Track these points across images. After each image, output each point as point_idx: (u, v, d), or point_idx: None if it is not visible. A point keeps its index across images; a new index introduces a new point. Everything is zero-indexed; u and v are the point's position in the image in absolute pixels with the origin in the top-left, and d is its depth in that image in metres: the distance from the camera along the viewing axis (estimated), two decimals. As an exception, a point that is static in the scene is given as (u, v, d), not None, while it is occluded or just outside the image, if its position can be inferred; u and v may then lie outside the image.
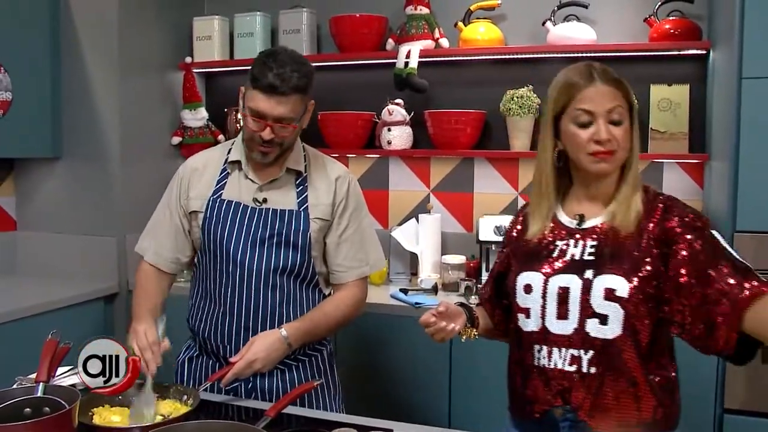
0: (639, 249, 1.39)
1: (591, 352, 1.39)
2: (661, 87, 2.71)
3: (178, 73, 3.31)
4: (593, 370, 1.39)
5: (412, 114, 3.03)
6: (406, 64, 2.91)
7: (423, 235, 2.97)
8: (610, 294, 1.37)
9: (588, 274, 1.40)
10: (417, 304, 2.57)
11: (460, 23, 2.97)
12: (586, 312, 1.39)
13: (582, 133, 1.41)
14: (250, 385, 1.78)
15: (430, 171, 3.16)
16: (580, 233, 1.47)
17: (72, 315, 2.79)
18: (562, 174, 1.52)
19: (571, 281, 1.41)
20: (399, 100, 3.03)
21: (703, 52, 2.68)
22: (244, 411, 1.67)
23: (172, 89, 3.30)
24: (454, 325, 1.50)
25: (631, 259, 1.38)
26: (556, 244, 1.48)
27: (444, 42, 2.99)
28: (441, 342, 1.52)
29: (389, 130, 3.03)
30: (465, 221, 3.12)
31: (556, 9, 2.85)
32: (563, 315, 1.41)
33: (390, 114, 3.02)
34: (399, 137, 3.03)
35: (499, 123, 2.94)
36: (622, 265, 1.38)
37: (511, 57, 2.94)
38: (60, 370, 1.67)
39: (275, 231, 1.77)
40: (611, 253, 1.40)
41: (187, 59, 3.28)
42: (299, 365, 1.83)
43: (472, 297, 2.60)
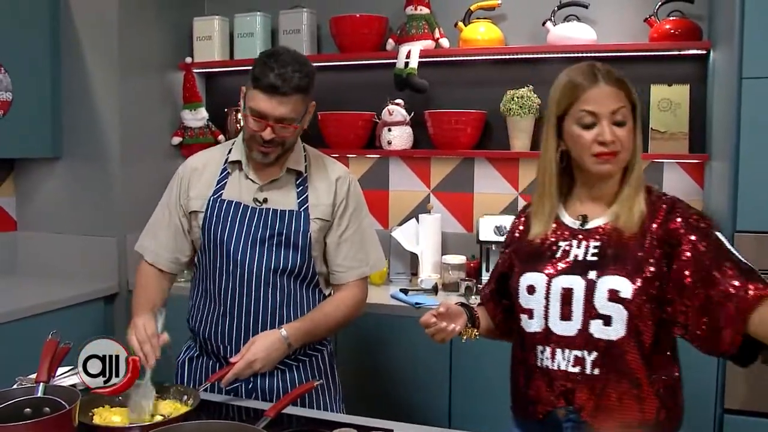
0: (642, 250, 1.39)
1: (595, 354, 1.38)
2: (662, 87, 2.71)
3: (179, 73, 3.31)
4: (597, 372, 1.38)
5: (413, 114, 3.03)
6: (407, 64, 2.91)
7: (423, 235, 2.96)
8: (613, 295, 1.37)
9: (591, 275, 1.40)
10: (417, 304, 2.57)
11: (461, 23, 2.96)
12: (590, 313, 1.38)
13: (586, 135, 1.40)
14: (250, 386, 1.78)
15: (430, 171, 3.16)
16: (583, 234, 1.46)
17: (72, 315, 2.79)
18: (565, 174, 1.51)
19: (574, 282, 1.41)
20: (399, 101, 3.03)
21: (704, 52, 2.68)
22: (244, 411, 1.67)
23: (172, 89, 3.30)
24: (454, 325, 1.50)
25: (635, 260, 1.38)
26: (559, 244, 1.47)
27: (444, 42, 2.99)
28: (441, 343, 1.52)
29: (389, 130, 3.03)
30: (465, 221, 3.12)
31: (556, 9, 2.85)
32: (567, 316, 1.41)
33: (390, 114, 3.02)
34: (399, 137, 3.03)
35: (499, 123, 2.94)
36: (626, 266, 1.38)
37: (512, 57, 2.94)
38: (60, 370, 1.66)
39: (275, 231, 1.77)
40: (614, 254, 1.40)
41: (188, 59, 3.28)
42: (299, 365, 1.83)
43: (473, 297, 2.60)
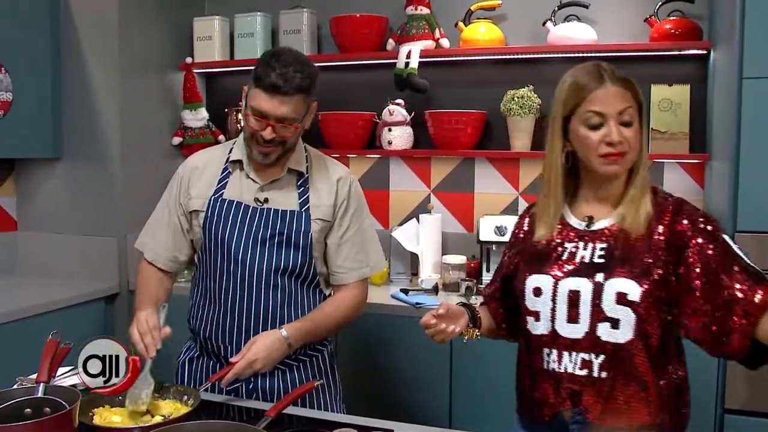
0: (649, 252, 1.37)
1: (602, 357, 1.37)
2: (662, 87, 2.71)
3: (179, 74, 3.31)
4: (604, 375, 1.37)
5: (413, 114, 3.03)
6: (407, 64, 2.91)
7: (423, 236, 2.96)
8: (621, 298, 1.36)
9: (598, 277, 1.38)
10: (417, 304, 2.57)
11: (461, 23, 2.96)
12: (598, 316, 1.37)
13: (593, 135, 1.39)
14: (251, 386, 1.78)
15: (430, 171, 3.16)
16: (589, 235, 1.45)
17: (72, 315, 2.79)
18: (570, 175, 1.49)
19: (581, 284, 1.39)
20: (399, 101, 3.03)
21: (704, 52, 2.68)
22: (244, 411, 1.67)
23: (172, 89, 3.30)
24: (454, 326, 1.50)
25: (642, 262, 1.37)
26: (565, 246, 1.46)
27: (444, 42, 2.99)
28: (441, 343, 1.52)
29: (390, 130, 3.03)
30: (465, 221, 3.12)
31: (556, 9, 2.84)
32: (574, 318, 1.40)
33: (390, 114, 3.02)
34: (399, 137, 3.03)
35: (499, 123, 2.94)
36: (633, 268, 1.37)
37: (512, 57, 2.94)
38: (60, 371, 1.66)
39: (276, 231, 1.77)
40: (621, 256, 1.39)
41: (188, 59, 3.28)
42: (300, 365, 1.83)
43: (473, 297, 2.60)
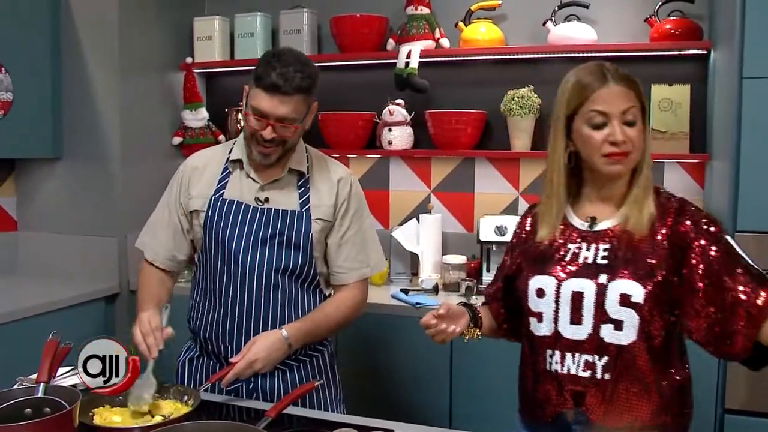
0: (653, 253, 1.37)
1: (605, 358, 1.37)
2: (662, 87, 2.71)
3: (179, 74, 3.31)
4: (607, 376, 1.37)
5: (413, 114, 3.03)
6: (407, 64, 2.91)
7: (424, 236, 2.96)
8: (625, 300, 1.35)
9: (602, 278, 1.38)
10: (418, 304, 2.57)
11: (461, 23, 2.96)
12: (601, 317, 1.37)
13: (596, 135, 1.39)
14: (251, 386, 1.78)
15: (430, 171, 3.16)
16: (592, 236, 1.44)
17: (72, 315, 2.79)
18: (573, 175, 1.49)
19: (584, 286, 1.39)
20: (400, 101, 3.03)
21: (704, 52, 2.68)
22: (244, 411, 1.67)
23: (172, 89, 3.30)
24: (454, 326, 1.49)
25: (646, 264, 1.37)
26: (568, 246, 1.45)
27: (444, 42, 2.99)
28: (441, 344, 1.52)
29: (390, 130, 3.03)
30: (466, 221, 3.12)
31: (556, 9, 2.84)
32: (577, 320, 1.39)
33: (391, 114, 3.02)
34: (400, 137, 3.03)
35: (499, 123, 2.94)
36: (637, 270, 1.36)
37: (512, 57, 2.93)
38: (61, 371, 1.66)
39: (277, 231, 1.77)
40: (625, 257, 1.38)
41: (188, 59, 3.28)
42: (300, 365, 1.83)
43: (473, 297, 2.60)
